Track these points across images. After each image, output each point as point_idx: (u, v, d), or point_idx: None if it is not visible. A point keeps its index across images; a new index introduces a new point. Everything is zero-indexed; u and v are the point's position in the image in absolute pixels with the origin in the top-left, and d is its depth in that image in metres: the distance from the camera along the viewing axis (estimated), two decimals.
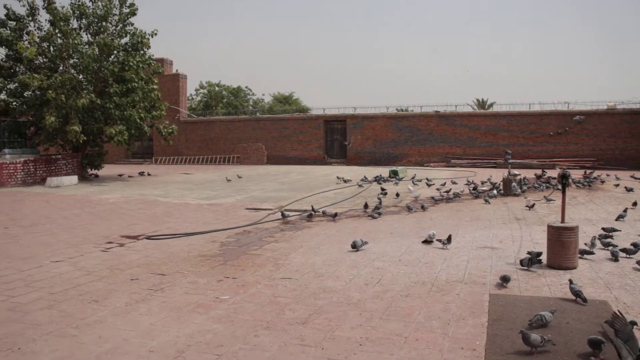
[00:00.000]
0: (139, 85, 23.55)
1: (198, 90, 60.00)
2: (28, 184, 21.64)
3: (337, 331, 4.96)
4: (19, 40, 22.87)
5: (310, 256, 8.15)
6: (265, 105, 59.50)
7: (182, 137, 39.89)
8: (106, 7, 23.70)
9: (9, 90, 23.72)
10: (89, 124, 23.22)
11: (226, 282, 6.73)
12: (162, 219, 12.28)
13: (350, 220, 11.88)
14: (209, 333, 4.96)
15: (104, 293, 6.30)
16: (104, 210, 14.06)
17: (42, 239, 10.00)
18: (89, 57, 22.23)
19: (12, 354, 4.53)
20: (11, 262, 7.98)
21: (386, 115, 36.28)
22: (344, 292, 6.19)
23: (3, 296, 6.22)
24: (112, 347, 4.66)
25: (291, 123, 38.54)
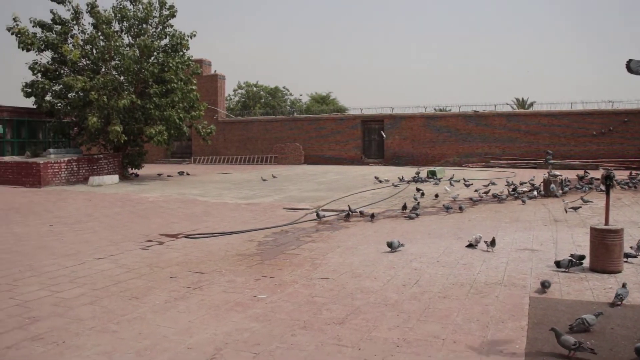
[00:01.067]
0: (178, 86, 23.90)
1: (236, 90, 60.57)
2: (71, 183, 22.16)
3: (374, 332, 4.94)
4: (64, 43, 23.49)
5: (347, 256, 8.14)
6: (303, 105, 59.67)
7: (221, 137, 40.28)
8: (146, 9, 24.14)
9: (54, 91, 24.39)
10: (130, 124, 23.68)
11: (264, 281, 6.77)
12: (201, 218, 12.42)
13: (388, 220, 11.82)
14: (246, 331, 4.99)
15: (143, 290, 6.40)
16: (144, 208, 14.30)
17: (84, 236, 10.23)
18: (129, 58, 22.67)
19: (57, 347, 4.64)
20: (56, 259, 8.18)
21: (424, 115, 36.00)
22: (382, 293, 6.16)
23: (48, 291, 6.39)
24: (152, 343, 4.73)
25: (328, 123, 38.55)
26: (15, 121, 25.96)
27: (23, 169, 21.55)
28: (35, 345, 4.71)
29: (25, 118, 26.28)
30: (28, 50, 23.32)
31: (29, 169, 21.36)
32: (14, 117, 25.84)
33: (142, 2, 24.51)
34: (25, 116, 26.27)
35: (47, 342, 4.76)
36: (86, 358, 4.41)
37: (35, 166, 21.19)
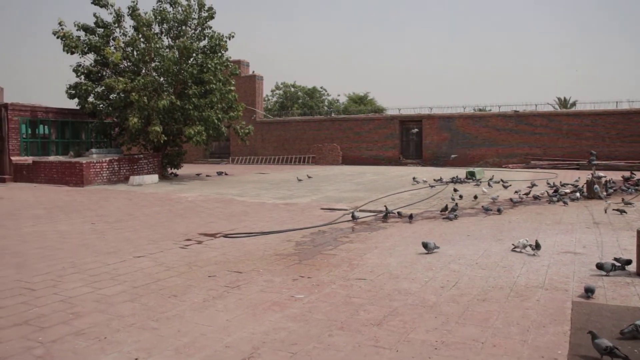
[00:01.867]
0: (217, 86, 24.16)
1: (274, 91, 60.89)
2: (112, 182, 22.61)
3: (411, 334, 4.89)
4: (106, 46, 23.99)
5: (385, 257, 8.10)
6: (341, 105, 59.62)
7: (258, 138, 40.57)
8: (186, 11, 24.47)
9: (96, 93, 24.94)
10: (169, 125, 24.04)
11: (301, 281, 6.78)
12: (239, 218, 12.52)
13: (426, 221, 11.71)
14: (283, 331, 5.00)
15: (182, 288, 6.48)
16: (183, 208, 14.48)
17: (125, 234, 10.41)
18: (169, 60, 23.01)
19: (99, 343, 4.73)
20: (98, 256, 8.35)
21: (463, 115, 35.60)
22: (420, 295, 6.10)
23: (91, 288, 6.52)
24: (190, 340, 4.78)
25: (366, 123, 38.47)
26: (60, 122, 26.63)
27: (67, 168, 22.10)
28: (78, 340, 4.81)
29: (69, 119, 26.93)
30: (72, 53, 23.92)
31: (72, 168, 21.88)
32: (58, 118, 26.51)
33: (181, 5, 24.87)
34: (69, 117, 26.93)
35: (89, 337, 4.86)
36: (126, 354, 4.48)
37: (78, 166, 21.69)
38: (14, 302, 5.97)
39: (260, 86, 42.63)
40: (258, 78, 42.26)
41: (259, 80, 42.41)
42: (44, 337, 4.88)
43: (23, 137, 24.92)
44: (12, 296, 6.20)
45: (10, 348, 4.64)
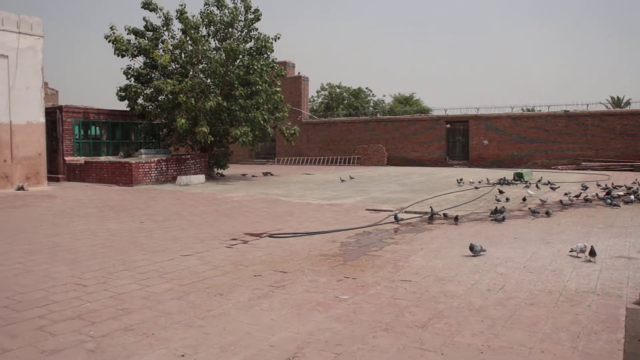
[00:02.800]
0: (263, 88, 24.36)
1: (319, 92, 61.02)
2: (160, 182, 23.06)
3: (457, 337, 4.83)
4: (155, 48, 24.51)
5: (430, 259, 8.02)
6: (386, 106, 59.33)
7: (304, 138, 40.75)
8: (232, 14, 24.77)
9: (145, 95, 25.52)
10: (216, 126, 24.37)
11: (346, 282, 6.77)
12: (284, 218, 12.59)
13: (473, 223, 11.55)
14: (328, 331, 5.01)
15: (228, 287, 6.55)
16: (229, 208, 14.65)
17: (172, 233, 10.60)
18: (216, 62, 23.33)
19: (147, 339, 4.83)
20: (146, 255, 8.52)
21: (511, 116, 34.96)
22: (465, 297, 6.02)
23: (139, 285, 6.66)
24: (235, 339, 4.83)
25: (412, 124, 38.22)
26: (110, 123, 27.34)
27: (117, 168, 22.66)
28: (127, 335, 4.92)
29: (119, 120, 27.62)
30: (122, 56, 24.54)
31: (122, 168, 22.42)
32: (109, 119, 27.22)
33: (228, 7, 25.19)
34: (119, 118, 27.62)
35: (137, 333, 4.97)
36: (173, 350, 4.56)
37: (128, 166, 22.21)
38: (67, 297, 6.16)
39: (305, 87, 42.83)
40: (303, 79, 42.47)
41: (305, 81, 42.60)
42: (95, 332, 5.01)
43: (76, 138, 25.69)
44: (66, 291, 6.39)
45: (64, 341, 4.79)
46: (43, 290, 6.44)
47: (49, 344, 4.72)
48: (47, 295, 6.22)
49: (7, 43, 20.32)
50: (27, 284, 6.76)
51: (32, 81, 21.09)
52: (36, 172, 21.41)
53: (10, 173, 20.59)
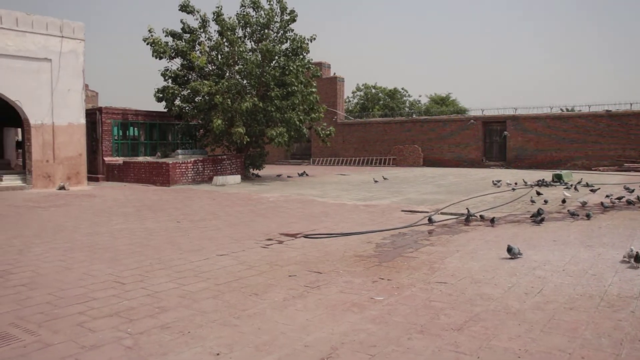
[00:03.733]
0: (299, 88, 24.41)
1: (355, 92, 60.96)
2: (197, 182, 23.32)
3: (493, 340, 4.75)
4: (192, 50, 24.81)
5: (466, 261, 7.92)
6: (422, 106, 58.93)
7: (339, 139, 40.71)
8: (268, 15, 24.90)
9: (182, 96, 25.85)
10: (252, 126, 24.52)
11: (381, 283, 6.74)
12: (319, 219, 12.60)
13: (510, 225, 11.37)
14: (362, 332, 4.99)
15: (263, 287, 6.59)
16: (265, 208, 14.73)
17: (208, 233, 10.71)
18: (252, 63, 23.48)
19: (182, 337, 4.89)
20: (182, 254, 8.63)
21: (549, 116, 34.30)
22: (502, 300, 5.92)
23: (176, 284, 6.75)
24: (270, 338, 4.85)
25: (448, 124, 37.85)
26: (148, 124, 27.81)
27: (154, 168, 23.01)
28: (164, 333, 4.99)
29: (156, 121, 28.07)
30: (160, 58, 24.91)
31: (160, 168, 22.75)
32: (147, 120, 27.70)
33: (264, 9, 25.34)
34: (156, 119, 28.07)
35: (174, 331, 5.03)
36: (209, 349, 4.60)
37: (165, 166, 22.53)
38: (106, 294, 6.28)
39: (341, 88, 42.80)
40: (339, 80, 42.45)
41: (340, 81, 42.58)
42: (133, 329, 5.09)
43: (115, 138, 26.19)
44: (105, 289, 6.52)
45: (103, 337, 4.88)
46: (83, 288, 6.58)
47: (88, 340, 4.81)
48: (87, 293, 6.35)
49: (51, 47, 20.84)
50: (67, 281, 6.92)
51: (73, 83, 21.58)
52: (77, 172, 21.89)
53: (53, 173, 21.10)
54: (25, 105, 20.30)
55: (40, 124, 20.72)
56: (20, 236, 10.45)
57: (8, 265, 7.87)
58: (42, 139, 20.84)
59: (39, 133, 20.74)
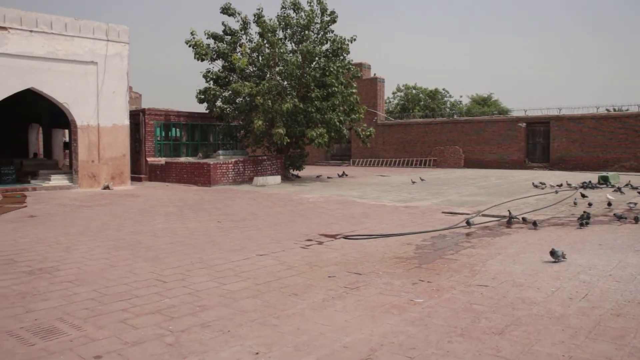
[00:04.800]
0: (339, 89, 24.38)
1: (395, 93, 60.68)
2: (237, 183, 23.54)
3: (536, 346, 4.66)
4: (233, 52, 25.07)
5: (508, 264, 7.79)
6: (463, 107, 58.26)
7: (379, 140, 40.56)
8: (309, 16, 24.95)
9: (223, 97, 26.15)
10: (292, 127, 24.60)
11: (421, 285, 6.68)
12: (359, 220, 12.57)
13: (553, 228, 11.13)
14: (401, 334, 4.95)
15: (302, 287, 6.60)
16: (304, 209, 14.77)
17: (249, 233, 10.79)
18: (293, 64, 23.55)
19: (222, 335, 4.94)
20: (223, 253, 8.72)
21: (596, 116, 33.42)
22: (545, 305, 5.80)
23: (216, 283, 6.82)
24: (309, 339, 4.86)
25: (490, 125, 37.28)
26: (190, 125, 28.21)
27: (196, 169, 23.31)
28: (204, 331, 5.05)
29: (198, 122, 28.46)
30: (202, 60, 25.26)
31: (201, 169, 23.04)
32: (188, 121, 28.11)
33: (304, 10, 25.40)
34: (198, 120, 28.45)
35: (214, 330, 5.09)
36: (248, 348, 4.63)
37: (206, 166, 22.80)
38: (148, 292, 6.39)
39: (381, 88, 42.62)
40: (379, 80, 42.28)
41: (380, 82, 42.40)
42: (174, 327, 5.17)
43: (157, 139, 26.65)
44: (147, 287, 6.64)
45: (145, 334, 4.97)
46: (126, 285, 6.71)
47: (131, 336, 4.91)
48: (130, 290, 6.48)
49: (97, 50, 21.34)
50: (111, 278, 7.07)
51: (118, 86, 22.04)
52: (120, 172, 22.34)
53: (97, 173, 21.59)
54: (73, 107, 20.84)
55: (86, 125, 21.23)
56: (67, 234, 10.73)
57: (56, 262, 8.09)
58: (88, 140, 21.34)
59: (85, 134, 21.26)
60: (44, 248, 9.24)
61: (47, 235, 10.63)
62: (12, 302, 6.04)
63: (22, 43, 19.42)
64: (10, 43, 19.14)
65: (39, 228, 11.53)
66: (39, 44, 19.82)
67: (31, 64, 19.69)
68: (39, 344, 4.74)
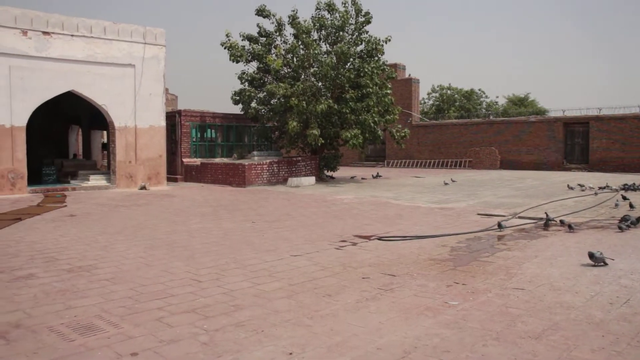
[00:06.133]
0: (374, 90, 24.30)
1: (430, 94, 60.27)
2: (272, 183, 23.65)
3: (574, 351, 4.55)
4: (268, 53, 25.21)
5: (545, 267, 7.65)
6: (499, 107, 57.53)
7: (414, 141, 40.32)
8: (343, 17, 24.94)
9: (258, 98, 26.32)
10: (327, 128, 24.61)
11: (455, 287, 6.61)
12: (393, 221, 12.50)
13: (593, 231, 10.89)
14: (436, 337, 4.90)
15: (336, 288, 6.59)
16: (338, 210, 14.76)
17: (283, 234, 10.83)
18: (327, 65, 23.57)
19: (256, 335, 4.96)
20: (257, 254, 8.76)
21: (638, 116, 32.63)
22: (584, 310, 5.67)
23: (251, 283, 6.86)
24: (342, 340, 4.84)
25: (526, 126, 36.71)
26: (225, 126, 28.49)
27: (230, 169, 23.51)
28: (238, 330, 5.08)
29: (233, 123, 28.72)
30: (237, 62, 25.48)
31: (236, 169, 23.23)
32: (224, 122, 28.39)
33: (339, 11, 25.38)
34: (233, 121, 28.71)
35: (248, 329, 5.11)
36: (281, 348, 4.64)
37: (241, 167, 22.97)
38: (183, 291, 6.46)
39: (416, 89, 42.36)
40: (414, 81, 42.03)
41: (415, 83, 42.15)
42: (208, 326, 5.21)
43: (193, 140, 26.97)
44: (182, 286, 6.71)
45: (180, 333, 5.02)
46: (162, 284, 6.80)
47: (166, 334, 4.97)
48: (166, 289, 6.56)
49: (134, 53, 21.71)
50: (148, 277, 7.17)
51: (154, 88, 22.38)
52: (157, 173, 22.68)
53: (134, 173, 21.95)
54: (111, 108, 21.24)
55: (123, 127, 21.61)
56: (104, 233, 10.93)
57: (94, 261, 8.25)
58: (125, 141, 21.72)
59: (123, 135, 21.64)
60: (83, 247, 9.43)
61: (86, 234, 10.84)
62: (53, 298, 6.18)
63: (63, 47, 19.90)
64: (52, 47, 19.63)
65: (78, 227, 11.78)
66: (79, 47, 20.28)
67: (72, 67, 20.17)
68: (78, 340, 4.83)
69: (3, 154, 18.79)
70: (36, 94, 19.41)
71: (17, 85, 18.98)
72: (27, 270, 7.64)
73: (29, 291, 6.49)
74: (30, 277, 7.23)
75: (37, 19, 19.29)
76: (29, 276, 7.26)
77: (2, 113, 18.70)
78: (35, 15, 19.27)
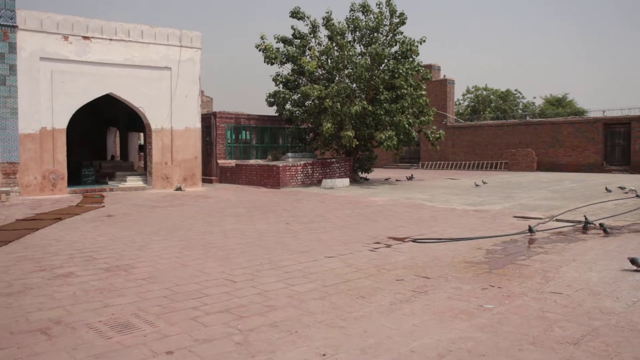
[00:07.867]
0: (408, 91, 24.18)
1: (465, 95, 59.69)
2: (306, 185, 23.70)
3: (615, 358, 4.44)
4: (302, 55, 25.29)
5: (584, 271, 7.49)
6: (536, 108, 56.63)
7: (449, 142, 39.97)
8: (377, 19, 24.87)
9: (293, 100, 26.42)
10: (361, 130, 24.56)
11: (491, 290, 6.52)
12: (428, 223, 12.41)
13: (634, 235, 10.62)
14: (470, 340, 4.84)
15: (370, 290, 6.57)
16: (372, 211, 14.71)
17: (317, 235, 10.84)
18: (362, 67, 23.53)
19: (290, 336, 4.98)
20: (291, 255, 8.79)
21: None
22: (626, 316, 5.53)
23: (285, 284, 6.89)
24: (376, 342, 4.82)
25: (564, 127, 36.04)
26: (259, 128, 28.68)
27: (265, 171, 23.64)
28: (272, 331, 5.10)
29: (267, 125, 28.89)
30: (272, 64, 25.61)
31: (270, 171, 23.35)
32: (258, 124, 28.59)
33: (373, 12, 25.34)
34: (267, 123, 28.89)
35: (281, 330, 5.13)
36: (315, 349, 4.64)
37: (275, 169, 23.08)
38: (218, 291, 6.52)
39: (451, 90, 42.01)
40: (449, 82, 41.69)
41: (450, 84, 41.80)
42: (242, 326, 5.25)
43: (228, 142, 27.22)
44: (217, 286, 6.77)
45: (214, 332, 5.07)
46: (197, 284, 6.87)
47: (201, 334, 5.02)
48: (200, 289, 6.63)
49: (171, 56, 22.03)
50: (183, 277, 7.26)
51: (190, 90, 22.66)
52: (192, 174, 22.94)
53: (170, 174, 22.25)
54: (147, 111, 21.58)
55: (160, 129, 21.92)
56: (141, 233, 11.10)
57: (131, 260, 8.39)
58: (162, 143, 22.03)
59: (159, 137, 21.96)
60: (120, 246, 9.60)
61: (123, 234, 11.03)
62: (91, 296, 6.30)
63: (102, 51, 20.32)
64: (92, 51, 20.06)
65: (115, 227, 11.99)
66: (117, 51, 20.67)
67: (110, 70, 20.57)
68: (115, 338, 4.92)
69: (45, 155, 19.26)
70: (76, 97, 19.86)
71: (58, 89, 19.45)
72: (67, 268, 7.81)
73: (68, 289, 6.64)
74: (69, 275, 7.39)
75: (78, 24, 19.73)
76: (69, 274, 7.43)
77: (44, 116, 19.18)
78: (76, 20, 19.71)
